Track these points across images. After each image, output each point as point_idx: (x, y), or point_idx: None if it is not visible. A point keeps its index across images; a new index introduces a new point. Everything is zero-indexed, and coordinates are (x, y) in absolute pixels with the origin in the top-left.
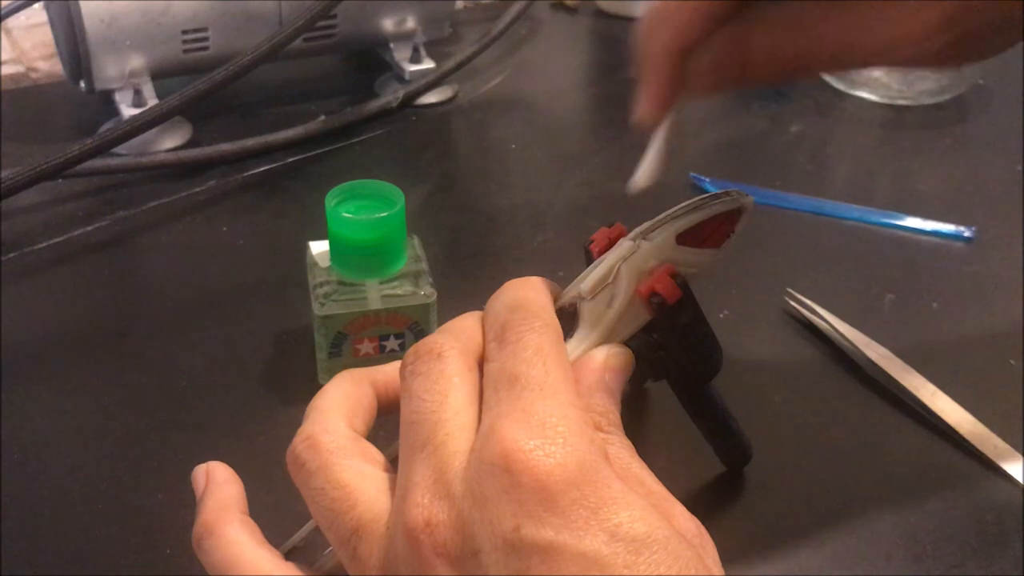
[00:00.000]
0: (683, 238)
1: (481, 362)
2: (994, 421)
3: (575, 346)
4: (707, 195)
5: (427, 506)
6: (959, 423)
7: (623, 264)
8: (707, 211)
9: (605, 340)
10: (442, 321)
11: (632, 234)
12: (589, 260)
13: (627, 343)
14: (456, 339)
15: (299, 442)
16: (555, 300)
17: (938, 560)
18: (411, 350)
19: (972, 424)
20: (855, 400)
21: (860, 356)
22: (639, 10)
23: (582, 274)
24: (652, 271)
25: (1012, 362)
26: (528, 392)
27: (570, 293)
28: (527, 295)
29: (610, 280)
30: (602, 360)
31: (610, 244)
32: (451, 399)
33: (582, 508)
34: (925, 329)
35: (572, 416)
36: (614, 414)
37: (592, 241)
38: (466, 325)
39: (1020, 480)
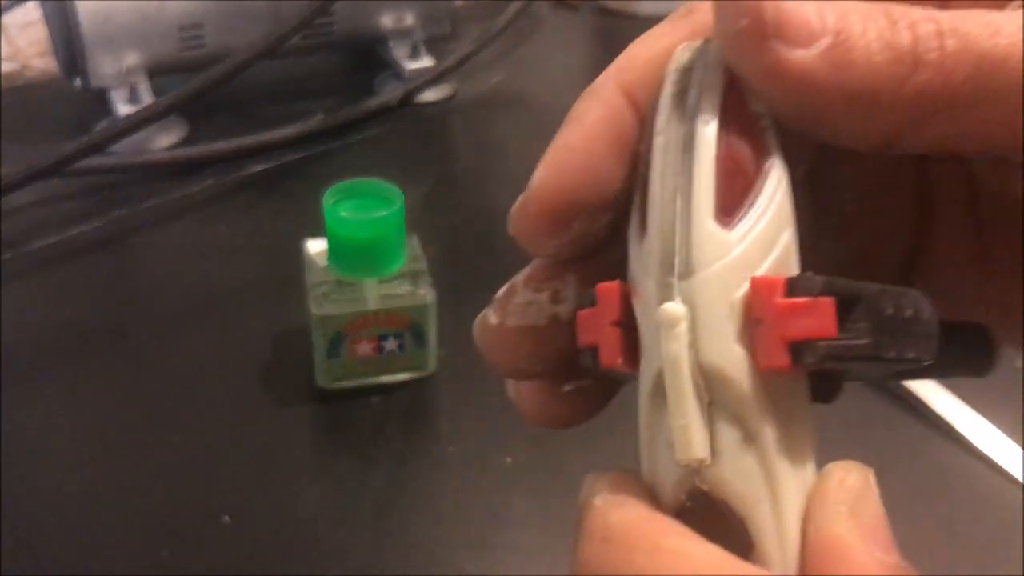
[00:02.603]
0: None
1: None
2: (994, 420)
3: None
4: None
5: None
6: (960, 422)
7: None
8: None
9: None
10: (441, 321)
11: (642, 273)
12: (593, 365)
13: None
14: None
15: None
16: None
17: (938, 560)
18: None
19: (973, 423)
20: (855, 399)
21: None
22: (642, 8)
23: (648, 422)
24: (751, 304)
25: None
26: None
27: (667, 480)
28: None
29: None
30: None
31: (627, 321)
32: None
33: None
34: None
35: None
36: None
37: (589, 344)
38: None
39: (1020, 480)
